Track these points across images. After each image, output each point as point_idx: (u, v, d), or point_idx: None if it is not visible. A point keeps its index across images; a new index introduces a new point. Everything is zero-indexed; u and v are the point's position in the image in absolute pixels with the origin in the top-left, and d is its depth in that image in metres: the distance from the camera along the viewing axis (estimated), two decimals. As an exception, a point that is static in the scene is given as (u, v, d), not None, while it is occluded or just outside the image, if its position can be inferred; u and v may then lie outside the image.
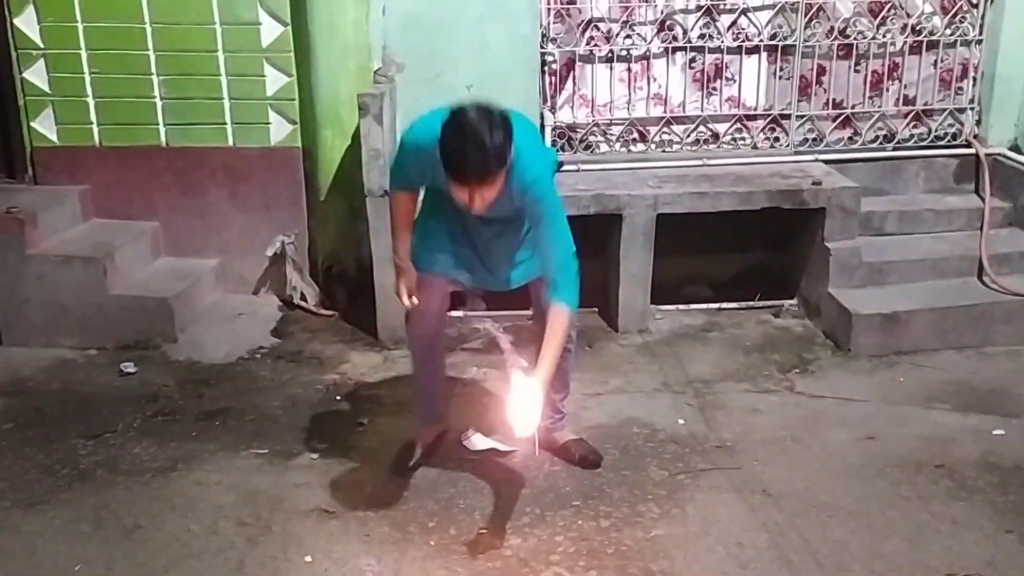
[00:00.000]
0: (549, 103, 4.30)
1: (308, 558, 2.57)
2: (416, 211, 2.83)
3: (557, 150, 4.23)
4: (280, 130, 4.21)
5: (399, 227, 2.80)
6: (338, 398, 3.56)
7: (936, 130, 4.47)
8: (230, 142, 4.23)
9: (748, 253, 4.55)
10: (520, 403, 2.44)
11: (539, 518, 2.74)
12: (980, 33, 4.38)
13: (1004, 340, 3.86)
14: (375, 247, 3.93)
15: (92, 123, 4.20)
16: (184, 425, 3.34)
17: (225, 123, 4.18)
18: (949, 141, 4.49)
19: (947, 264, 4.10)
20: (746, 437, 3.22)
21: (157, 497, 2.88)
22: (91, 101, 4.15)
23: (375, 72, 4.14)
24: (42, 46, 4.07)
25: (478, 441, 3.14)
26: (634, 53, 4.30)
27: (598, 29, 4.27)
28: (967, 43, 4.41)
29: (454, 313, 4.29)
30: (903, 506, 2.78)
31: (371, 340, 4.03)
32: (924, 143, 4.47)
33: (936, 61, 4.39)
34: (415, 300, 2.76)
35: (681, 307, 4.37)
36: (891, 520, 2.70)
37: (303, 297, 4.31)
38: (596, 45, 4.26)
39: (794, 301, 4.33)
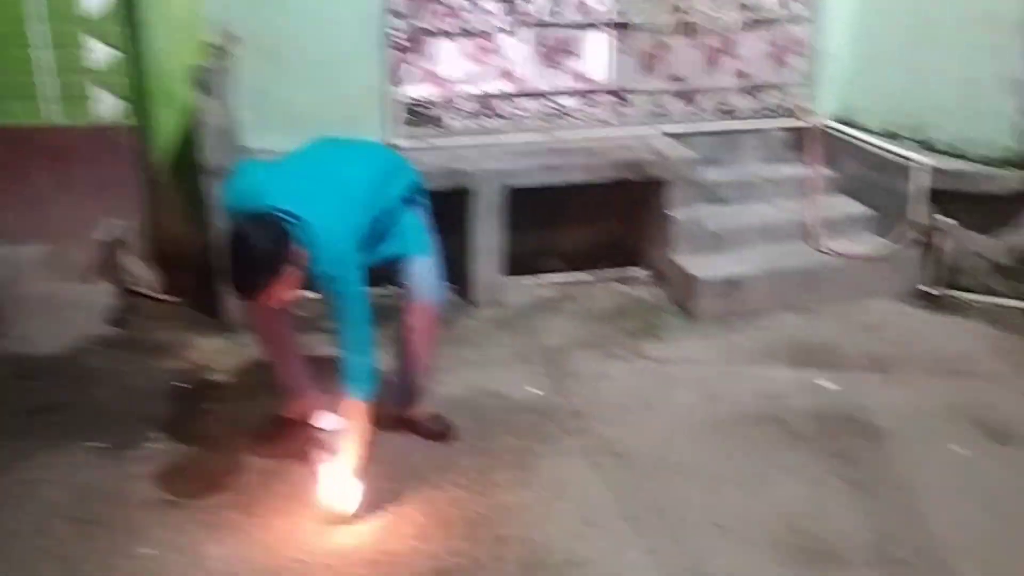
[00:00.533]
0: (396, 79, 4.24)
1: (145, 549, 2.46)
2: None
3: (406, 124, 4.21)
4: (110, 108, 3.97)
5: None
6: (181, 385, 3.41)
7: (769, 104, 4.70)
8: (52, 120, 3.95)
9: (599, 225, 4.65)
10: (331, 490, 2.58)
11: (392, 492, 2.72)
12: (809, 12, 4.62)
13: (832, 298, 4.11)
14: (219, 228, 3.78)
15: None
16: (8, 421, 3.12)
17: (46, 100, 3.90)
18: (781, 114, 4.73)
19: (780, 230, 4.32)
20: (597, 403, 3.30)
21: (-21, 498, 2.68)
22: None
23: (212, 47, 3.96)
24: None
25: (329, 420, 3.08)
26: (482, 29, 4.29)
27: (446, 5, 4.24)
28: (798, 21, 4.65)
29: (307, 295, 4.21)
30: (741, 458, 2.92)
31: (217, 325, 3.87)
32: (759, 116, 4.69)
33: (769, 38, 4.61)
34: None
35: (535, 280, 4.42)
36: (729, 472, 2.83)
37: (142, 283, 4.10)
38: (444, 20, 4.23)
39: (643, 270, 4.47)
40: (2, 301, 3.72)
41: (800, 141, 4.72)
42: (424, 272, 2.89)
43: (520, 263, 4.34)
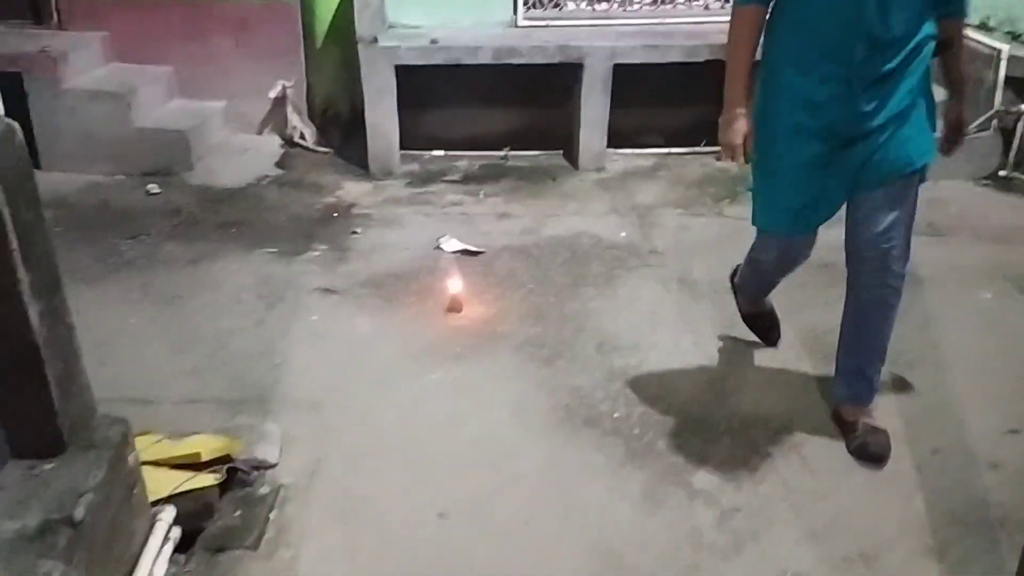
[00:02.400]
0: (521, -36, 4.77)
1: (315, 317, 3.26)
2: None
3: (528, 5, 4.78)
4: (280, -17, 4.71)
5: (738, 57, 2.26)
6: (335, 215, 4.20)
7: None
8: (235, -5, 4.72)
9: (697, 105, 5.08)
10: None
11: (499, 296, 3.42)
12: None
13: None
14: (366, 90, 4.49)
15: (110, -27, 4.67)
16: (205, 231, 3.98)
17: (230, -25, 4.66)
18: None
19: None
20: (675, 246, 3.89)
21: (190, 278, 3.54)
22: (109, -47, 4.62)
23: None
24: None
25: (452, 243, 3.80)
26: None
27: None
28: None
29: (437, 152, 4.92)
30: (789, 292, 3.44)
31: (363, 172, 4.64)
32: None
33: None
34: (747, 156, 2.32)
35: (636, 151, 4.97)
36: (779, 298, 3.37)
37: (302, 136, 4.89)
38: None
39: (734, 147, 4.92)
40: (194, 142, 4.56)
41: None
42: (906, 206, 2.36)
43: (623, 138, 4.89)
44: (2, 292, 1.65)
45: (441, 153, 4.90)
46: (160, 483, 2.14)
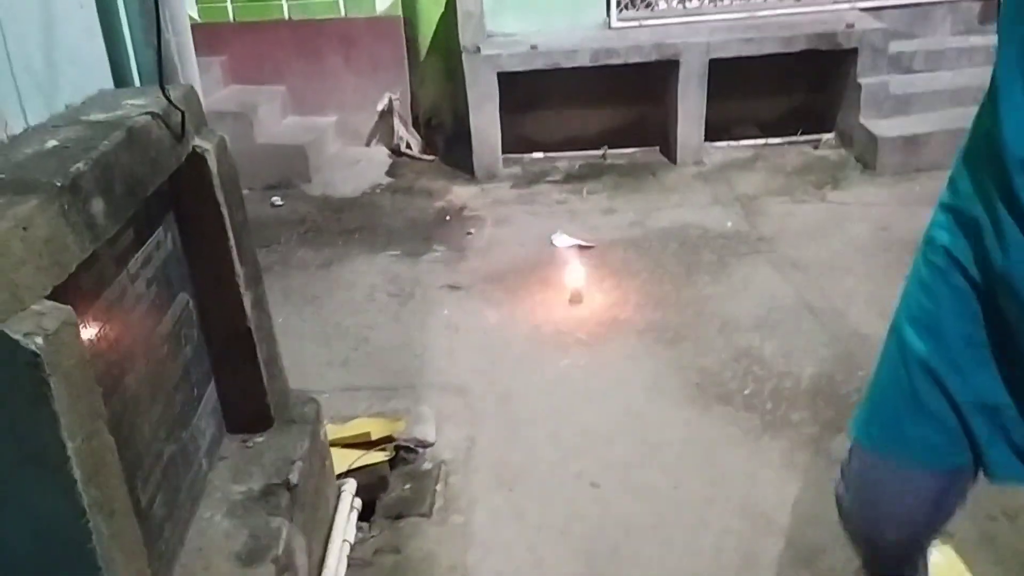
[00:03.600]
0: (614, -33, 4.93)
1: (446, 311, 3.46)
2: None
3: (622, 6, 4.92)
4: (387, 2, 4.95)
5: None
6: (448, 217, 4.41)
7: (962, -24, 4.97)
8: (342, 13, 4.99)
9: (792, 94, 5.19)
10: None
11: (616, 285, 3.58)
12: None
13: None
14: (471, 97, 4.70)
15: (226, 1, 4.99)
16: (330, 238, 4.23)
17: (342, -4, 4.94)
18: (974, -14, 5.00)
19: (966, 93, 4.68)
20: (782, 232, 3.98)
21: (324, 280, 3.78)
22: (226, -18, 4.95)
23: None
24: (184, -64, 4.84)
25: (563, 239, 3.97)
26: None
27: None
28: None
29: (537, 154, 5.10)
30: (904, 269, 3.51)
31: (469, 177, 4.85)
32: (951, -11, 5.00)
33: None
34: None
35: (732, 143, 5.07)
36: (892, 275, 3.44)
37: (408, 145, 5.13)
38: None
39: (831, 135, 4.99)
40: (311, 156, 4.84)
41: (992, 12, 4.99)
42: None
43: (719, 130, 5.00)
44: (224, 284, 1.88)
45: (541, 155, 5.08)
46: (338, 460, 2.36)
